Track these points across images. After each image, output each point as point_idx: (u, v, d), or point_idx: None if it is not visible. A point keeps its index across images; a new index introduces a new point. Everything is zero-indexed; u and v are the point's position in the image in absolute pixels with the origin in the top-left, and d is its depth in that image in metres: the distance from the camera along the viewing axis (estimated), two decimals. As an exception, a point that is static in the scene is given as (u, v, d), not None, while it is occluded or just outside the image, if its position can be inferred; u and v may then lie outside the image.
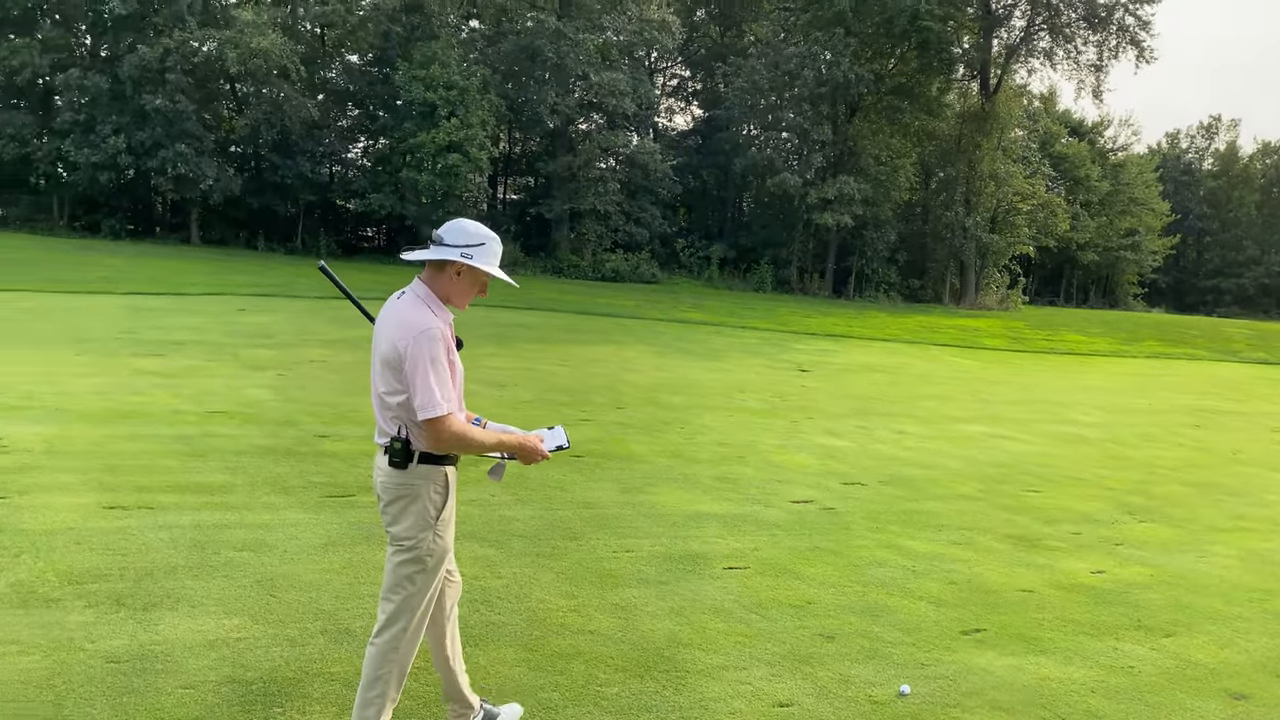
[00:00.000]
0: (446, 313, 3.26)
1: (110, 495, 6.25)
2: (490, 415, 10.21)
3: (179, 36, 31.88)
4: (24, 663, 3.89)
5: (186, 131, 33.24)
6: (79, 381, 10.03)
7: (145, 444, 7.67)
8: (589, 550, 6.03)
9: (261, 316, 17.26)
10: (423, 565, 3.25)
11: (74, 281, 21.83)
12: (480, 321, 19.39)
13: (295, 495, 6.68)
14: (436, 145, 34.13)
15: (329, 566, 5.35)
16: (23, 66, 32.65)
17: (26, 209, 35.72)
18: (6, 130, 33.27)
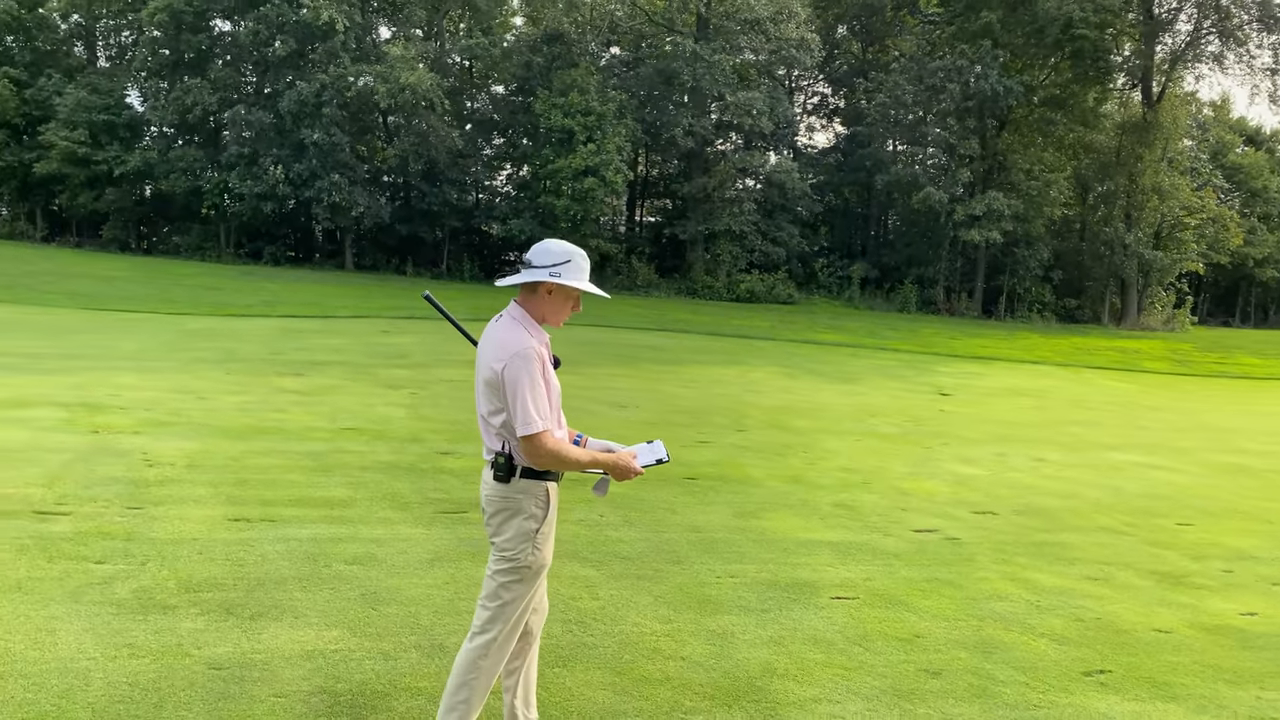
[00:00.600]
0: (542, 333, 3.36)
1: (237, 508, 6.52)
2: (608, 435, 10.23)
3: (333, 73, 33.64)
4: (134, 666, 4.07)
5: (340, 162, 35.00)
6: (225, 399, 10.59)
7: (276, 459, 8.00)
8: (691, 574, 5.91)
9: (402, 338, 17.89)
10: (519, 576, 3.33)
11: (236, 305, 23.22)
12: (608, 342, 19.56)
13: (411, 510, 6.83)
14: (573, 170, 34.79)
15: (432, 582, 5.42)
16: (194, 105, 35.17)
17: (197, 237, 38.34)
18: (179, 164, 35.88)
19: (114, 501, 6.42)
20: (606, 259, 38.45)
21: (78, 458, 7.50)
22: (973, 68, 37.98)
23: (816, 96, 51.23)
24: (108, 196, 37.64)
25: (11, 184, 39.25)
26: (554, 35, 38.60)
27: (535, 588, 3.42)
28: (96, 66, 41.45)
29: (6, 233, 40.10)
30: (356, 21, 35.22)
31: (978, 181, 40.14)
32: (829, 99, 50.75)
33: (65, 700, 3.72)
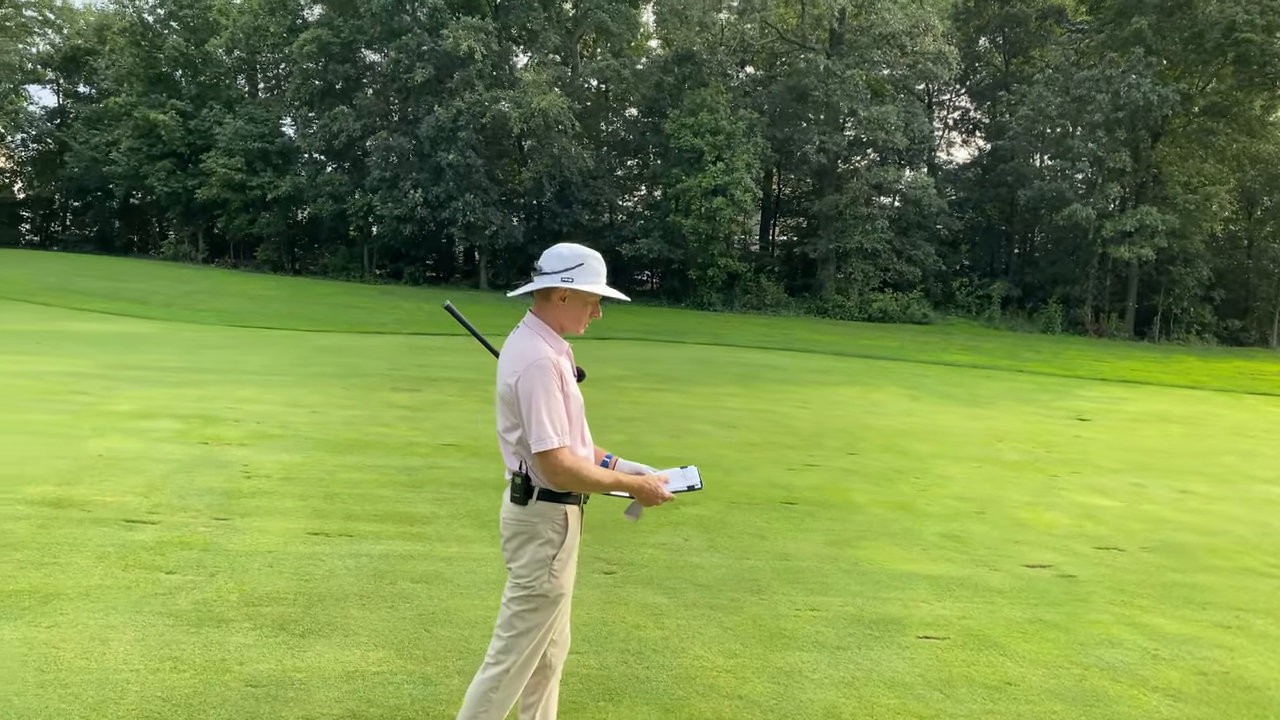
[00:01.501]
0: (561, 342, 3.18)
1: (318, 521, 6.55)
2: (710, 456, 9.95)
3: (469, 98, 34.60)
4: (173, 680, 4.03)
5: (475, 184, 35.95)
6: (336, 413, 10.81)
7: (370, 474, 8.05)
8: (769, 606, 5.56)
9: (520, 355, 18.05)
10: (534, 605, 3.13)
11: (371, 323, 24.00)
12: (725, 361, 19.23)
13: (490, 529, 6.70)
14: (702, 189, 34.68)
15: (493, 605, 5.24)
16: (340, 131, 36.80)
17: (342, 258, 40.09)
18: (326, 189, 37.62)
19: (203, 512, 6.54)
20: (735, 278, 38.12)
21: (181, 468, 7.72)
22: (1124, 77, 36.00)
23: (958, 111, 49.67)
24: (262, 220, 39.76)
25: (177, 209, 41.94)
26: (685, 55, 38.69)
27: (553, 617, 3.20)
28: (256, 98, 43.93)
29: (172, 254, 42.83)
30: (493, 49, 36.17)
31: (1129, 196, 37.98)
32: (970, 113, 49.10)
33: (95, 713, 3.70)
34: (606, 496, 3.33)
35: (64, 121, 48.44)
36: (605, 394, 13.99)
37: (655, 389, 14.93)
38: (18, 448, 7.97)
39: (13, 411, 9.35)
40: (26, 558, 5.33)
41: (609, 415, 12.10)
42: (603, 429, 11.02)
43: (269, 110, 40.94)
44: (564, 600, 3.23)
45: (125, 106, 40.90)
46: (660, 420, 12.05)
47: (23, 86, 49.89)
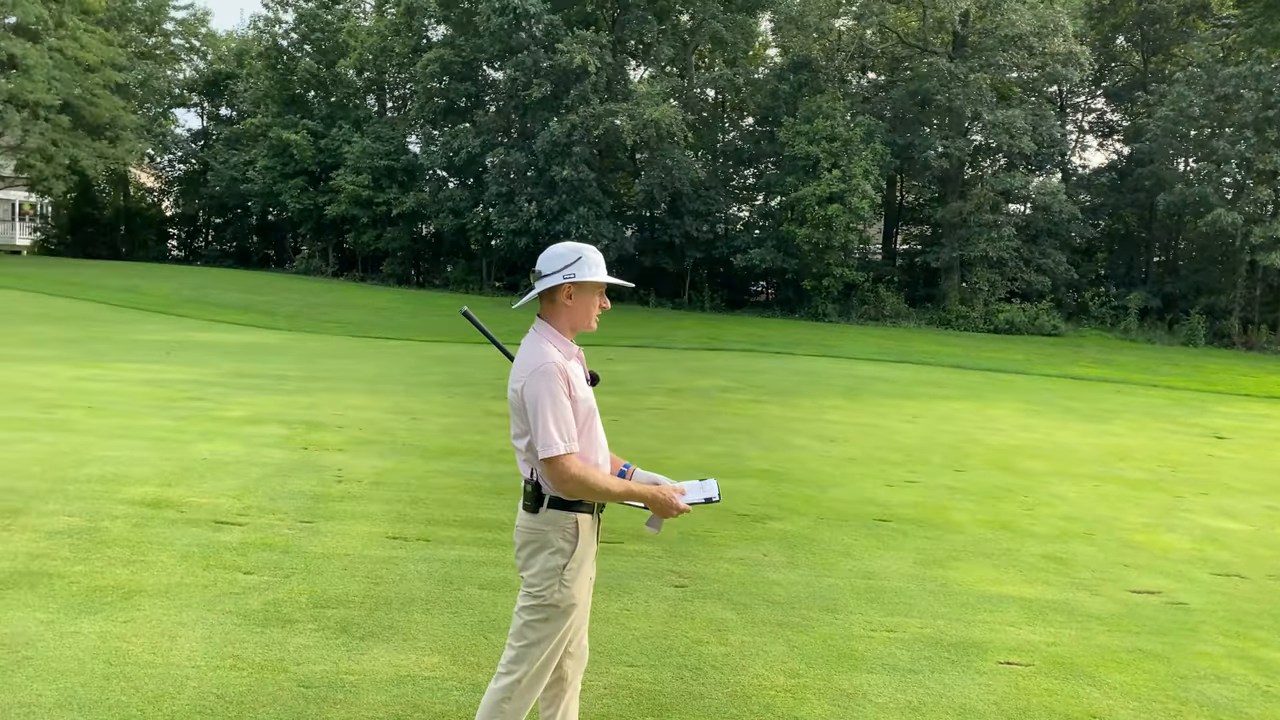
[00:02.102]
0: (570, 346, 3.16)
1: (399, 526, 6.64)
2: (804, 469, 9.71)
3: (584, 112, 35.03)
4: (229, 678, 4.12)
5: (588, 197, 36.35)
6: (435, 420, 11.01)
7: (457, 479, 8.14)
8: (842, 625, 5.34)
9: (624, 365, 18.07)
10: (545, 615, 3.07)
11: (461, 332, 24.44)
12: (833, 373, 18.81)
13: (566, 538, 6.67)
14: (817, 197, 34.14)
15: (557, 614, 5.21)
16: (461, 148, 37.80)
17: (462, 272, 41.14)
18: (447, 204, 38.68)
19: (290, 515, 6.71)
20: (851, 288, 37.36)
21: (277, 472, 7.97)
22: (1275, 74, 33.78)
23: (1092, 114, 47.53)
24: (388, 235, 41.13)
25: (308, 224, 43.78)
26: (801, 63, 38.25)
27: (564, 629, 3.13)
28: (383, 116, 45.55)
29: (303, 268, 44.71)
30: (607, 62, 36.53)
31: (1282, 199, 35.59)
32: (1106, 115, 46.92)
33: (151, 706, 3.80)
34: (640, 510, 3.24)
35: (206, 143, 51.27)
36: (707, 405, 13.86)
37: (758, 401, 14.70)
38: (130, 450, 8.37)
39: (132, 417, 9.85)
40: (117, 555, 5.56)
41: (708, 427, 11.97)
42: (700, 440, 10.90)
43: (394, 129, 42.37)
44: (577, 611, 3.15)
45: (261, 127, 43.01)
46: (759, 433, 11.84)
47: (170, 110, 53.06)
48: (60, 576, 5.13)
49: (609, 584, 5.72)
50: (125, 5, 47.62)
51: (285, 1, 45.38)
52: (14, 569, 5.19)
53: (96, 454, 8.06)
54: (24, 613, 4.60)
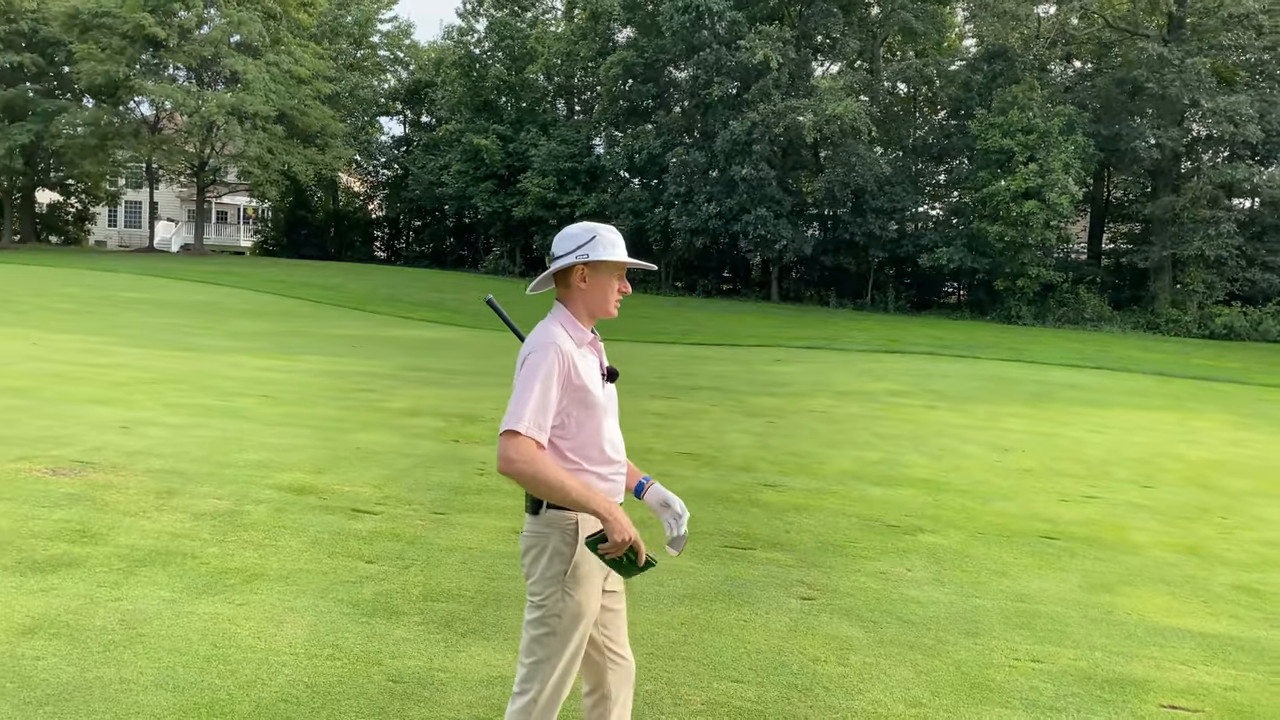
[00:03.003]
0: (585, 333, 2.91)
1: (527, 521, 6.58)
2: (973, 481, 9.04)
3: (764, 109, 34.60)
4: (323, 667, 4.11)
5: (767, 196, 35.88)
6: (587, 417, 11.00)
7: (596, 477, 8.03)
8: (981, 651, 4.84)
9: (791, 367, 17.61)
10: (550, 628, 2.80)
11: (656, 333, 24.53)
12: (1019, 379, 17.65)
13: (696, 541, 6.42)
14: (1011, 193, 32.34)
15: (669, 620, 4.97)
16: (641, 149, 38.17)
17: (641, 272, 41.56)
18: (628, 205, 39.14)
19: (424, 506, 6.77)
20: (1049, 289, 35.21)
21: (422, 463, 8.10)
22: None
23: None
24: (570, 235, 42.10)
25: (497, 226, 45.42)
26: (996, 52, 36.40)
27: (576, 641, 2.83)
28: (571, 119, 46.66)
29: (493, 269, 46.41)
30: (790, 58, 35.96)
31: None
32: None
33: (243, 691, 3.83)
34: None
35: (408, 149, 54.10)
36: (872, 409, 13.27)
37: (930, 406, 13.95)
38: (291, 438, 8.74)
39: (302, 406, 10.32)
40: (251, 538, 5.74)
41: (870, 432, 11.42)
42: (859, 446, 10.40)
43: (579, 131, 43.31)
44: (586, 621, 2.85)
45: (455, 133, 44.93)
46: (927, 439, 11.19)
47: (376, 118, 56.35)
48: (193, 557, 5.33)
49: (730, 592, 5.44)
50: (336, 20, 50.86)
51: (478, 11, 47.20)
52: (155, 547, 5.43)
53: (259, 440, 8.45)
54: (151, 590, 4.79)
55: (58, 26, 43.79)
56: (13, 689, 3.68)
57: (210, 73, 46.85)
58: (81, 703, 3.62)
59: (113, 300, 24.20)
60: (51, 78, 47.67)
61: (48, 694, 3.67)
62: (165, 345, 15.71)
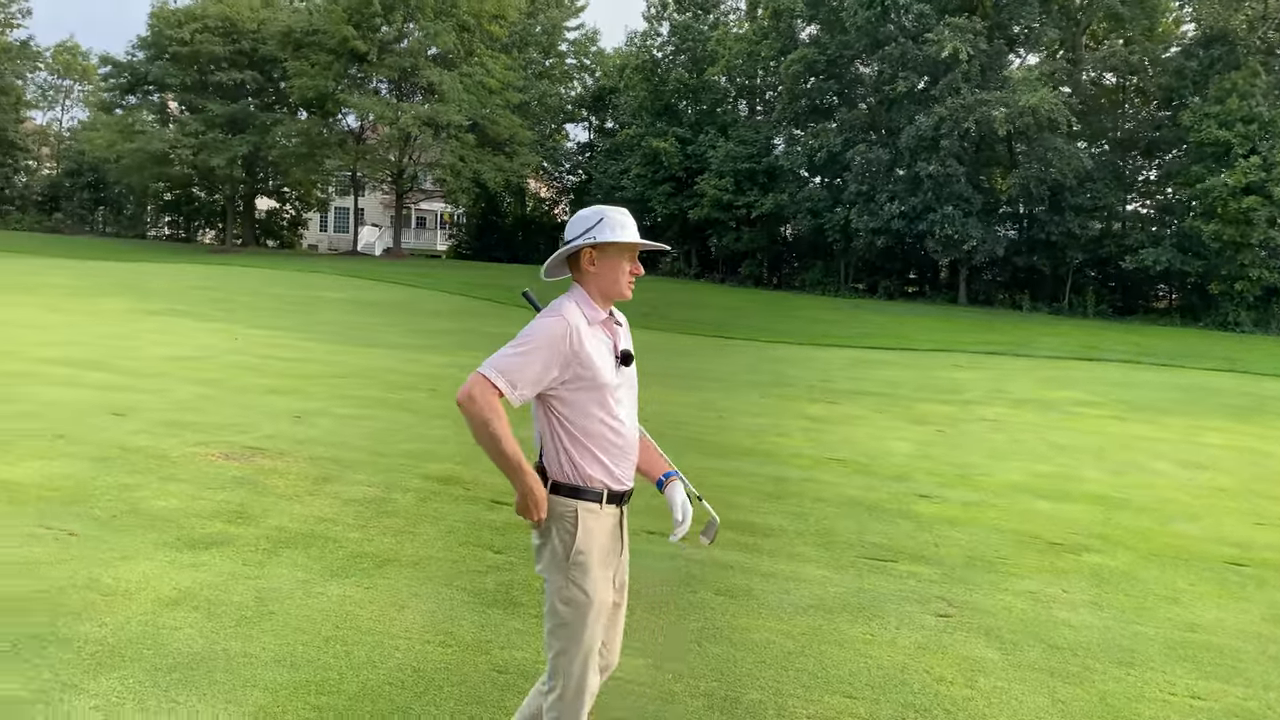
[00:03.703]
0: (598, 311, 2.92)
1: (660, 520, 6.51)
2: (1158, 499, 8.33)
3: (952, 104, 33.25)
4: (432, 653, 4.18)
5: (955, 194, 34.45)
6: (740, 419, 10.85)
7: (739, 480, 7.90)
8: (1133, 684, 4.41)
9: (968, 373, 16.81)
10: (561, 618, 2.82)
11: (831, 336, 24.03)
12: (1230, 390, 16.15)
13: (833, 550, 6.20)
14: (1229, 189, 29.73)
15: (788, 630, 4.79)
16: (821, 147, 37.45)
17: (819, 273, 40.84)
18: (805, 205, 38.52)
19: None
20: (1273, 293, 32.14)
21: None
22: None
23: None
24: (747, 237, 41.89)
25: (674, 228, 45.74)
26: (1215, 36, 33.56)
27: (589, 630, 2.82)
28: (750, 119, 46.43)
29: (668, 271, 46.77)
30: (981, 50, 34.41)
31: None
32: None
33: (353, 672, 3.95)
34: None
35: (591, 154, 55.33)
36: (1052, 419, 12.47)
37: (1119, 418, 12.98)
38: (448, 429, 9.03)
39: (464, 400, 10.68)
40: (390, 525, 5.95)
41: (1047, 443, 10.73)
42: (1031, 457, 9.79)
43: (758, 131, 43.01)
44: (594, 610, 2.83)
45: (635, 137, 45.54)
46: (1109, 453, 10.41)
47: (562, 125, 57.98)
48: (334, 541, 5.57)
49: (860, 605, 5.20)
50: (525, 30, 52.63)
51: (662, 15, 47.70)
52: (301, 530, 5.72)
53: (418, 432, 8.79)
54: (288, 570, 5.03)
55: (274, 45, 47.40)
56: (148, 655, 3.94)
57: (408, 84, 49.47)
58: (204, 672, 3.83)
59: (314, 299, 25.90)
60: (270, 92, 51.61)
61: (177, 662, 3.90)
62: (354, 341, 16.64)
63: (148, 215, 63.66)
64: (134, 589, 4.61)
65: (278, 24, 48.24)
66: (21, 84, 64.32)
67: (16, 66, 63.25)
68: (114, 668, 3.80)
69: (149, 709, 3.52)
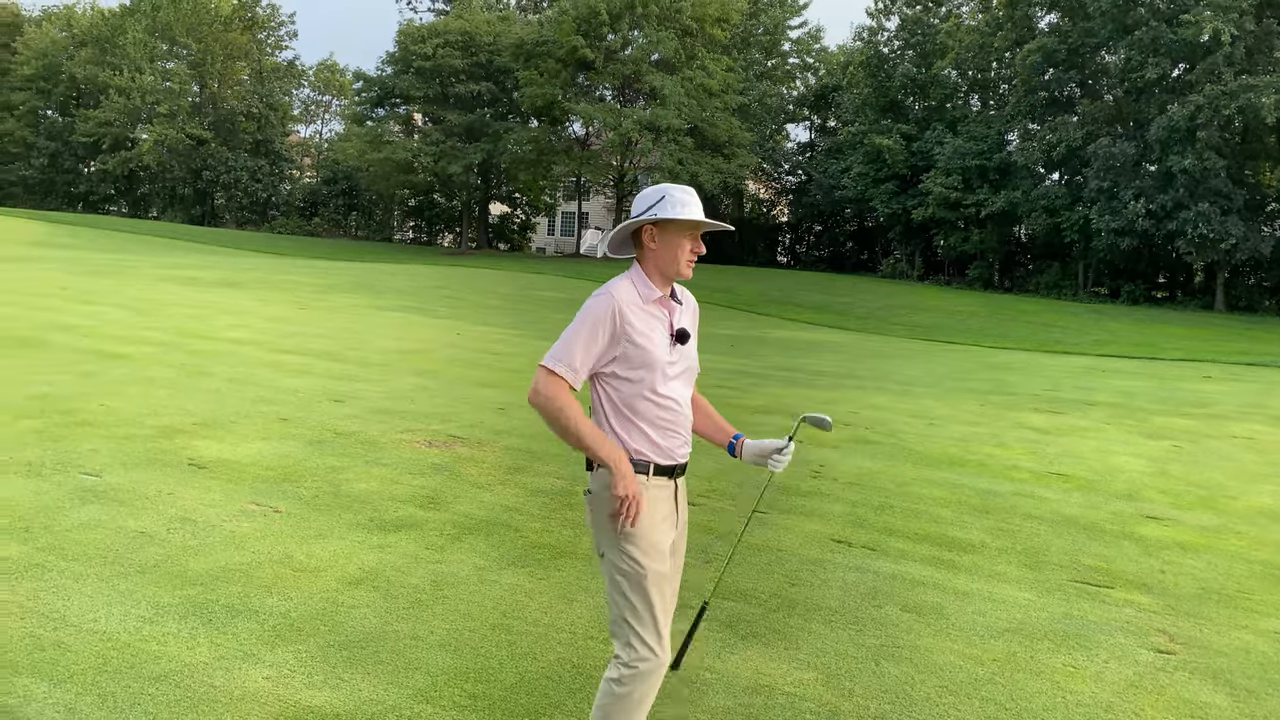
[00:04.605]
0: (653, 289, 2.90)
1: (851, 529, 6.22)
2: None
3: (1211, 91, 30.25)
4: (595, 650, 4.09)
5: (1212, 190, 31.36)
6: (953, 427, 10.25)
7: (944, 491, 7.43)
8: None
9: (1221, 385, 15.18)
10: (617, 588, 2.85)
11: (1063, 343, 22.50)
12: None
13: (1041, 571, 5.68)
14: None
15: (979, 654, 4.40)
16: (1059, 142, 35.16)
17: (1054, 275, 38.27)
18: (1040, 203, 36.16)
19: (747, 503, 6.65)
20: None
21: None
22: None
23: None
24: (974, 237, 39.89)
25: (896, 228, 44.26)
26: None
27: (640, 599, 2.83)
28: (982, 114, 44.20)
29: (890, 273, 45.27)
30: (1247, 30, 31.12)
31: None
32: None
33: (511, 662, 3.94)
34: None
35: (811, 154, 54.51)
36: None
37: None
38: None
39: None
40: (572, 517, 5.97)
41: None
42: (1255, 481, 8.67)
43: (989, 126, 40.84)
44: (652, 579, 2.83)
45: (857, 135, 44.38)
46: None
47: (783, 125, 57.44)
48: (515, 530, 5.64)
49: (1065, 632, 4.72)
50: (747, 32, 52.54)
51: (889, 9, 46.30)
52: (486, 518, 5.83)
53: (612, 428, 8.84)
54: (467, 557, 5.12)
55: (507, 56, 49.76)
56: (323, 631, 4.09)
57: (631, 90, 50.57)
58: (372, 651, 3.93)
59: (534, 299, 26.91)
60: (503, 102, 54.22)
61: (349, 639, 4.03)
62: (565, 338, 17.10)
63: (394, 220, 68.46)
64: (322, 566, 4.83)
65: (511, 36, 50.60)
66: (288, 100, 70.88)
67: (284, 85, 69.74)
68: (291, 641, 3.97)
69: (315, 683, 3.64)
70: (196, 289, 20.08)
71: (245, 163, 65.21)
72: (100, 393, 8.51)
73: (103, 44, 65.30)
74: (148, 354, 10.90)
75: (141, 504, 5.55)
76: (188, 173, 64.75)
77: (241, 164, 65.02)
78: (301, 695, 3.54)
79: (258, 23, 68.97)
